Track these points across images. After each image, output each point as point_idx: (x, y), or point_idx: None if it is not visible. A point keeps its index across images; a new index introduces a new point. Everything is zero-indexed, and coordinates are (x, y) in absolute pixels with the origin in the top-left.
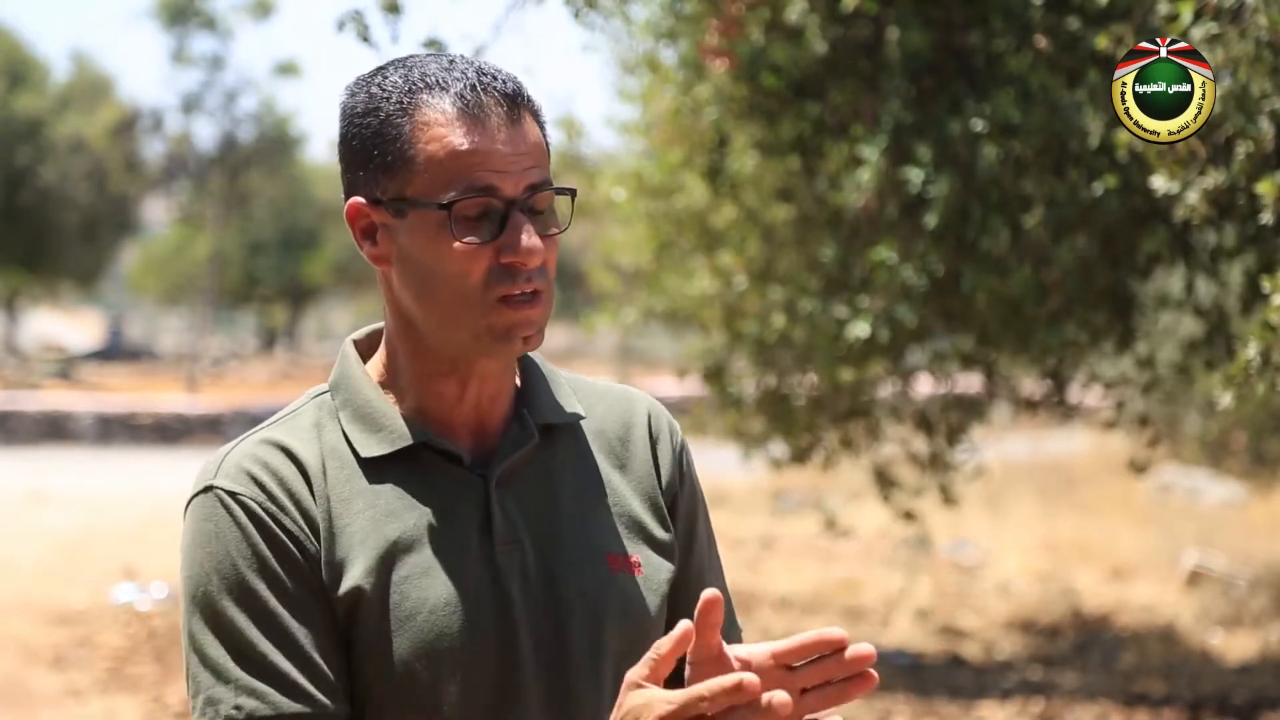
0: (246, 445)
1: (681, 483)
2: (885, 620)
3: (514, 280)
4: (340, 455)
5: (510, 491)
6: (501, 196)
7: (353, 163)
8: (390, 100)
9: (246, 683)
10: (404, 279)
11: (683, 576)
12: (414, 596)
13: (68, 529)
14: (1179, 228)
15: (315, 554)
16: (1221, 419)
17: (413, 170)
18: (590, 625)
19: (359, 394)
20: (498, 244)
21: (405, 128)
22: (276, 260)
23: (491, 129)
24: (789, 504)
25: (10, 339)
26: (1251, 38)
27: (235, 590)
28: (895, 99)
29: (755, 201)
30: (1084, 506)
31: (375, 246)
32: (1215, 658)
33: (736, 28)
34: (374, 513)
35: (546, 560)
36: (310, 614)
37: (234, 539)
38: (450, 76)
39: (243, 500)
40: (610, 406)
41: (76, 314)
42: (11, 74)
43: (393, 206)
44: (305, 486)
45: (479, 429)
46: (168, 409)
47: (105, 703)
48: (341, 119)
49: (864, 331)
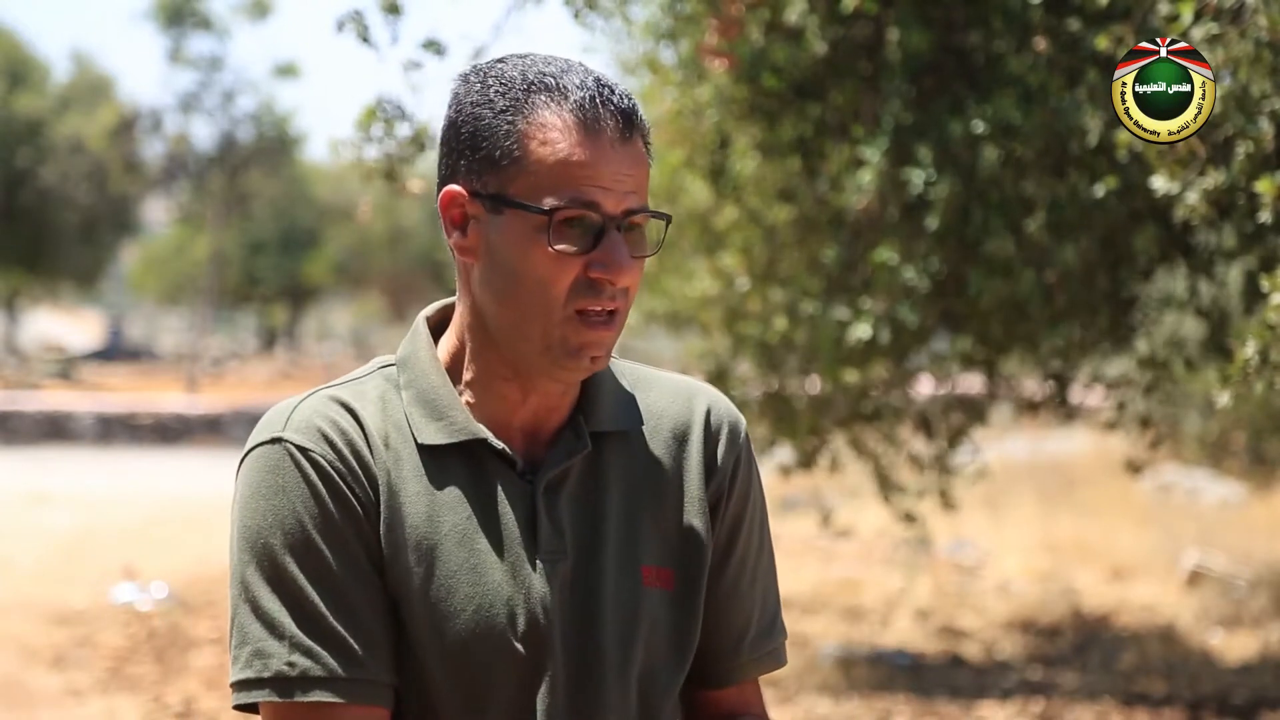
0: (316, 401)
1: (732, 484)
2: (885, 620)
3: (598, 296)
4: (402, 432)
5: (558, 498)
6: (602, 212)
7: (457, 149)
8: (507, 95)
9: (301, 641)
10: (487, 276)
11: (714, 582)
12: (456, 594)
13: (68, 529)
14: (1179, 228)
15: (375, 519)
16: (1221, 419)
17: (519, 170)
18: (621, 636)
19: (425, 377)
20: (590, 258)
21: (519, 126)
22: (276, 260)
23: (604, 144)
24: (791, 504)
25: (10, 339)
26: (1251, 38)
27: (299, 547)
28: (896, 100)
29: (756, 203)
30: (1084, 506)
31: (465, 238)
32: (1215, 658)
33: (736, 28)
34: (427, 501)
35: (586, 570)
36: (369, 582)
37: (301, 495)
38: (570, 82)
39: (313, 457)
40: (671, 403)
41: (77, 314)
42: (11, 74)
43: (491, 202)
44: (370, 455)
45: (534, 433)
46: (168, 409)
47: (105, 703)
48: (452, 104)
49: (866, 333)
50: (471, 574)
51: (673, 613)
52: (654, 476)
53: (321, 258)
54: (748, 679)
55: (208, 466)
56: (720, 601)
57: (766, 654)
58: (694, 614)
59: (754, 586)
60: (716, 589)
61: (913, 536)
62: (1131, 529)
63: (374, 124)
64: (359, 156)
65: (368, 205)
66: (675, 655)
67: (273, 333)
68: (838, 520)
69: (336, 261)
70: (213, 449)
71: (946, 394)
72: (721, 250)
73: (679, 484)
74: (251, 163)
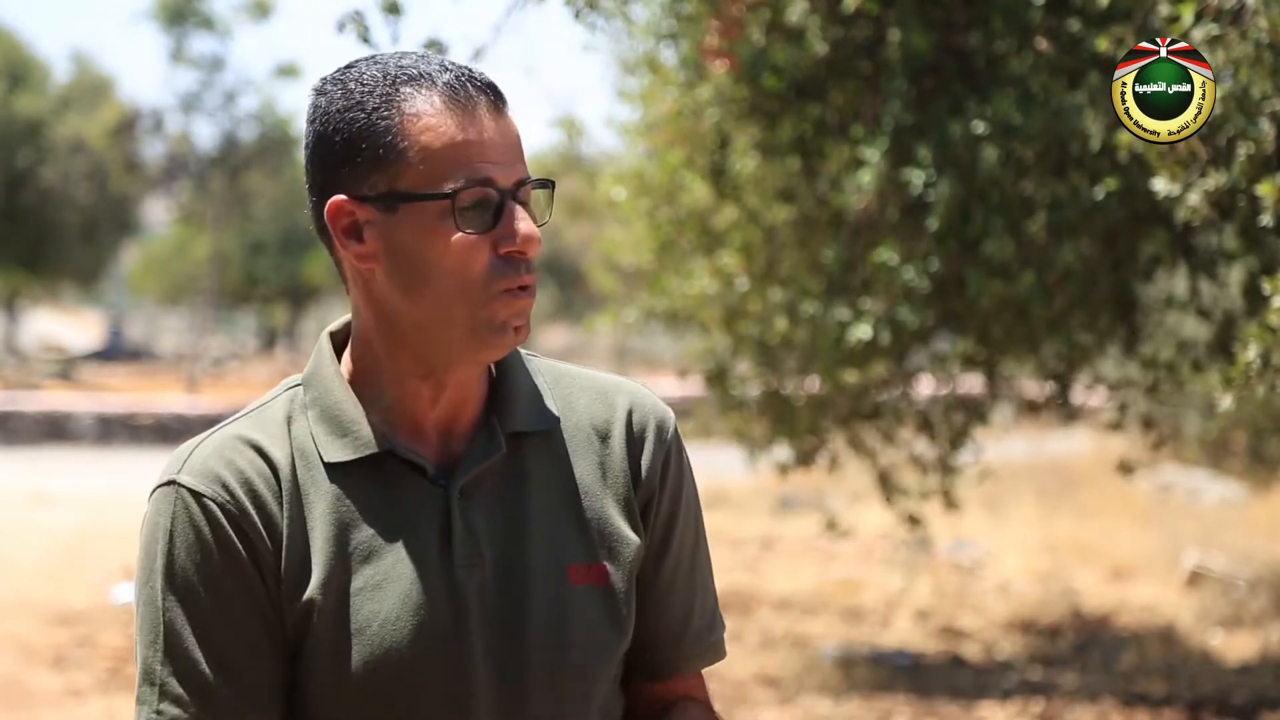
0: (217, 440)
1: (662, 482)
2: (885, 620)
3: (517, 272)
4: (307, 456)
5: (474, 503)
6: (497, 187)
7: (333, 161)
8: (373, 94)
9: (170, 687)
10: (394, 276)
11: (650, 580)
12: (367, 609)
13: (68, 529)
14: (1180, 230)
15: (272, 563)
16: (1221, 419)
17: (405, 164)
18: (548, 639)
19: (329, 393)
20: (496, 234)
21: (395, 120)
22: (277, 260)
23: (481, 119)
24: (791, 504)
25: (10, 339)
26: (1252, 39)
27: (178, 590)
28: (896, 100)
29: (756, 202)
30: (1084, 507)
31: (361, 245)
32: (1215, 658)
33: (737, 28)
34: (334, 520)
35: (507, 574)
36: (249, 624)
37: (186, 538)
38: (431, 68)
39: (204, 501)
40: (593, 400)
41: (77, 314)
42: (12, 74)
43: (384, 201)
44: (272, 490)
45: (448, 431)
46: (168, 409)
47: (105, 703)
48: (315, 118)
49: (866, 333)
50: (379, 589)
51: (606, 609)
52: (576, 476)
53: (322, 258)
54: (692, 671)
55: None
56: (660, 597)
57: (708, 647)
58: (627, 609)
59: (692, 580)
60: (655, 585)
61: (913, 537)
62: (1131, 529)
63: None
64: None
65: None
66: (609, 651)
67: (273, 333)
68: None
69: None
70: None
71: (947, 394)
72: (721, 250)
73: (601, 483)
74: (252, 163)
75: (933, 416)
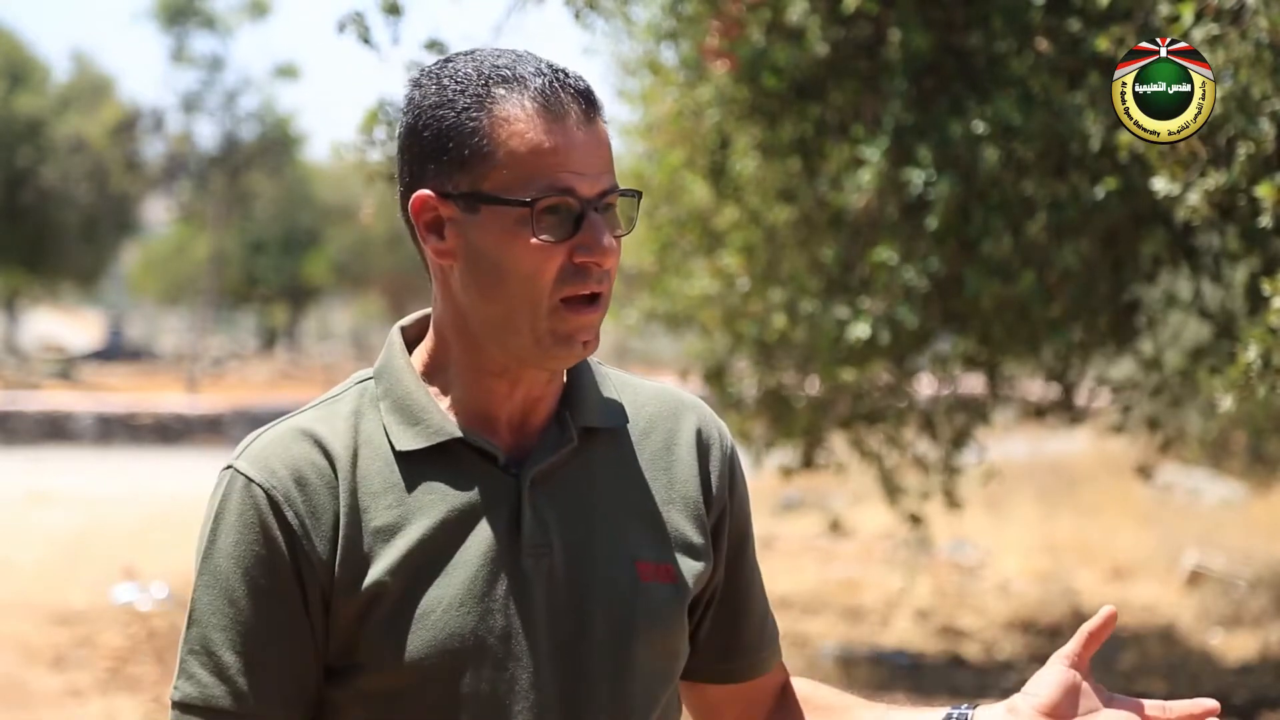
0: (279, 430)
1: (732, 495)
2: (885, 620)
3: (585, 280)
4: (375, 446)
5: (544, 493)
6: (579, 196)
7: (421, 155)
8: (465, 93)
9: (189, 665)
10: (469, 276)
11: (729, 589)
12: (432, 594)
13: (68, 529)
14: (1180, 230)
15: (318, 555)
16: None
17: (491, 165)
18: (614, 632)
19: (400, 384)
20: (573, 243)
21: (484, 121)
22: (277, 260)
23: (571, 127)
24: (793, 504)
25: (10, 339)
26: (1252, 39)
27: (214, 569)
28: (896, 100)
29: (757, 203)
30: (1084, 507)
31: (442, 241)
32: (1215, 658)
33: (737, 29)
34: (403, 508)
35: (575, 565)
36: (279, 616)
37: (230, 524)
38: (526, 70)
39: (253, 488)
40: (659, 410)
41: (77, 314)
42: (12, 74)
43: (467, 201)
44: (326, 483)
45: (521, 426)
46: (168, 409)
47: (105, 703)
48: (408, 110)
49: (865, 333)
50: (445, 575)
51: (673, 608)
52: (644, 476)
53: (322, 258)
54: (775, 666)
55: (208, 467)
56: (740, 605)
57: (777, 638)
58: (685, 616)
59: (761, 584)
60: (734, 593)
61: (913, 537)
62: (1131, 529)
63: (376, 127)
64: (362, 159)
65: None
66: (675, 650)
67: (273, 333)
68: (840, 521)
69: (337, 262)
70: (213, 449)
71: (949, 395)
72: (721, 250)
73: (669, 489)
74: (252, 163)
75: (934, 417)
